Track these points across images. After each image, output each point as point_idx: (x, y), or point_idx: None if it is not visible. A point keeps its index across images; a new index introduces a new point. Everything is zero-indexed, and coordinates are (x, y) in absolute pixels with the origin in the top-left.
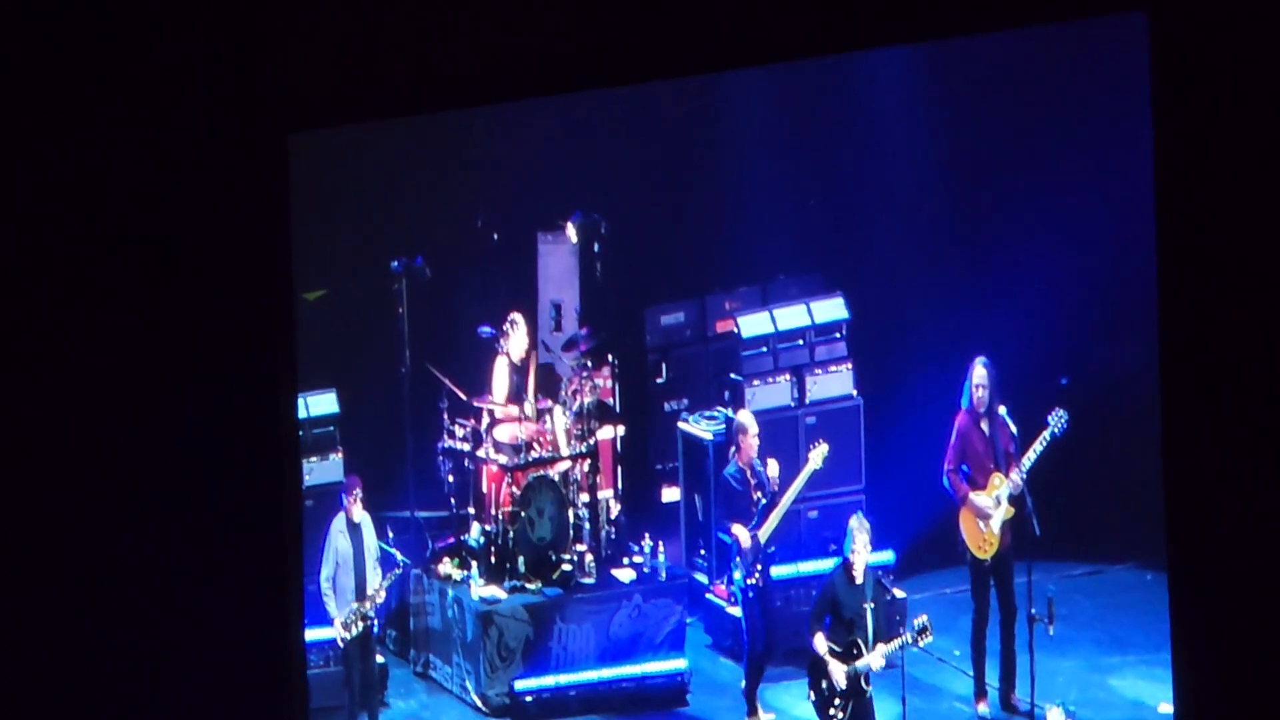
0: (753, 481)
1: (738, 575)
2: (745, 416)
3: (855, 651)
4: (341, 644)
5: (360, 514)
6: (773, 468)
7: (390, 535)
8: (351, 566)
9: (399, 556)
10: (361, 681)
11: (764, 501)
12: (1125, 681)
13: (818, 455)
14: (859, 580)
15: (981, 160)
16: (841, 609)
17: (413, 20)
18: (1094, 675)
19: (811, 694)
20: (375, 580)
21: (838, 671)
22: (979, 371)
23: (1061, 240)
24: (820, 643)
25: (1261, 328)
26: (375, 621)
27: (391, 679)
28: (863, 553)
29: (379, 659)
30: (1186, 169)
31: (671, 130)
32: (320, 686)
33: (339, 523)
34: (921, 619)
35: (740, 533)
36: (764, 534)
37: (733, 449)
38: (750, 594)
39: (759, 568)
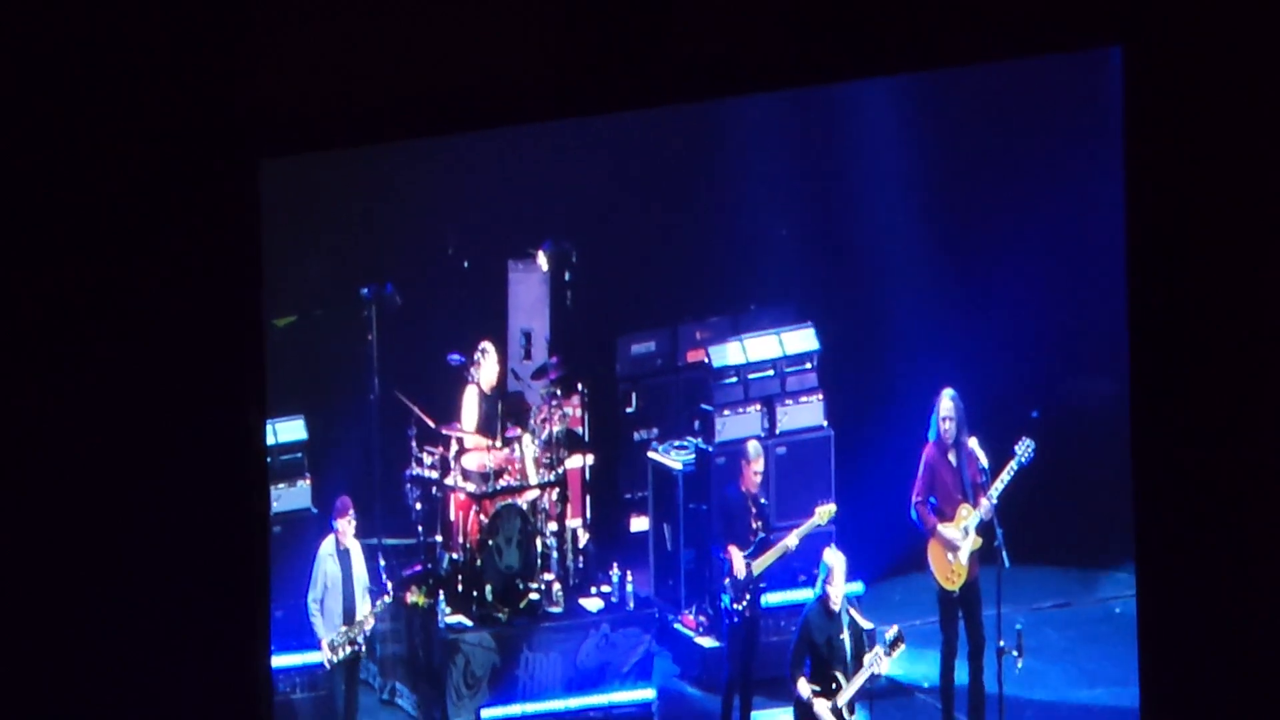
0: (753, 510)
1: (726, 599)
2: (754, 446)
3: (835, 686)
4: (328, 666)
5: (351, 540)
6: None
7: (382, 563)
8: (340, 591)
9: (388, 585)
10: (345, 707)
11: (762, 535)
12: (1093, 716)
13: (825, 512)
14: (834, 611)
15: (954, 192)
16: (819, 646)
17: (385, 47)
18: (1062, 709)
19: None
20: (364, 607)
21: (824, 710)
22: (946, 404)
23: (1034, 273)
24: (803, 687)
25: (1232, 368)
26: (363, 648)
27: (360, 708)
28: (839, 585)
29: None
30: (1159, 203)
31: (643, 159)
32: (301, 711)
33: (329, 545)
34: (893, 630)
35: (735, 556)
36: (758, 566)
37: (737, 475)
38: (736, 620)
39: (748, 596)
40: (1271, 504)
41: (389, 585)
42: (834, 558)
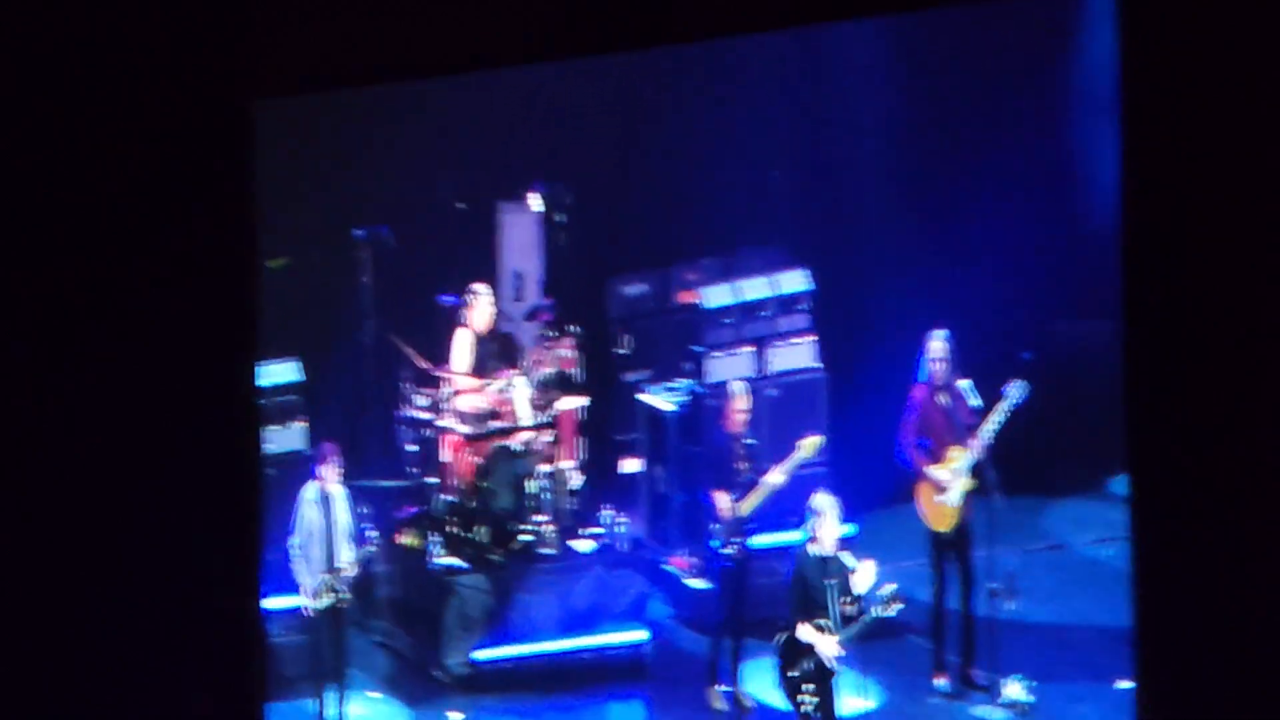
0: (740, 452)
1: (715, 543)
2: (738, 386)
3: (828, 631)
4: (310, 614)
5: (335, 484)
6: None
7: (363, 510)
8: (322, 538)
9: (372, 533)
10: (332, 653)
11: (749, 476)
12: (1085, 657)
13: (809, 445)
14: (826, 557)
15: (947, 134)
16: (812, 590)
17: None
18: (1053, 650)
19: (782, 683)
20: (347, 554)
21: (829, 646)
22: (936, 345)
23: (1026, 215)
24: (805, 631)
25: (1226, 308)
26: (346, 594)
27: (352, 650)
28: (830, 528)
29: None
30: (1153, 146)
31: (635, 101)
32: (287, 656)
33: (311, 491)
34: (890, 588)
35: (722, 500)
36: (746, 507)
37: (721, 417)
38: (726, 563)
39: (737, 539)
40: (1264, 445)
41: (372, 532)
42: (825, 502)
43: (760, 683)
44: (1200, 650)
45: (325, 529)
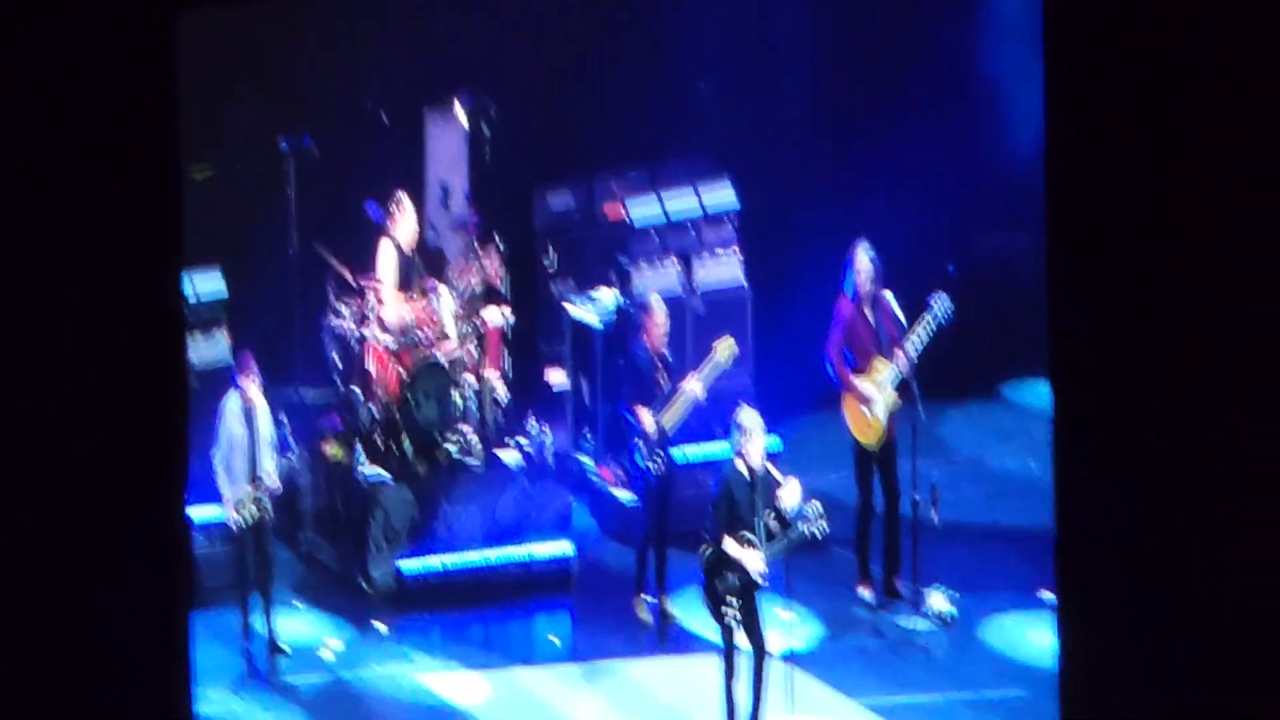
0: (659, 366)
1: (638, 458)
2: (655, 301)
3: (753, 545)
4: (234, 525)
5: (256, 395)
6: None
7: (285, 420)
8: (244, 449)
9: (292, 443)
10: (256, 564)
11: (669, 388)
12: (1008, 567)
13: (724, 349)
14: (750, 472)
15: (874, 49)
16: (737, 506)
17: None
18: (977, 561)
19: (707, 596)
20: (269, 465)
21: (754, 561)
22: (862, 258)
23: (951, 130)
24: (731, 545)
25: (1148, 220)
26: (268, 506)
27: (277, 561)
28: (757, 444)
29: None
30: (1075, 61)
31: (562, 12)
32: (212, 567)
33: (233, 403)
34: (815, 505)
35: (645, 415)
36: (667, 420)
37: (640, 332)
38: (649, 478)
39: (660, 453)
40: (1185, 354)
41: (295, 445)
42: (749, 418)
43: (685, 595)
44: (1121, 560)
45: (248, 440)
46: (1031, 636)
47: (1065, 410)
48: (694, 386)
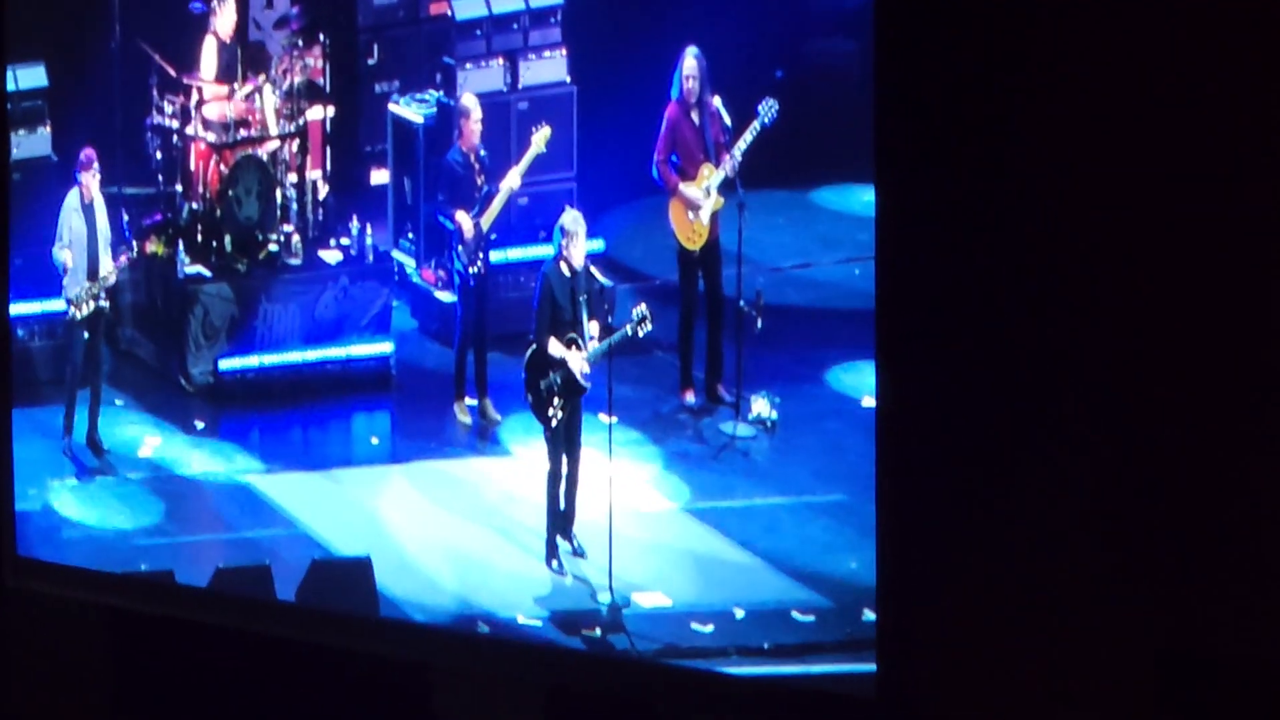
0: (476, 167)
1: (457, 262)
2: (469, 100)
3: (576, 347)
4: (70, 319)
5: (96, 192)
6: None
7: (125, 217)
8: (85, 245)
9: (131, 239)
10: (86, 361)
11: (486, 188)
12: (831, 375)
13: (540, 138)
14: (573, 273)
15: None
16: (559, 308)
17: None
18: (800, 368)
19: (529, 395)
20: (108, 262)
21: (577, 361)
22: (689, 62)
23: None
24: (555, 346)
25: (979, 26)
26: (106, 303)
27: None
28: (579, 246)
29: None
30: None
31: None
32: (38, 361)
33: (73, 199)
34: (640, 308)
35: (463, 220)
36: (486, 221)
37: (455, 133)
38: (470, 282)
39: (480, 255)
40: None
41: (132, 239)
42: (572, 220)
43: (506, 396)
44: (941, 370)
45: (87, 235)
46: (853, 443)
47: (888, 217)
48: (512, 180)
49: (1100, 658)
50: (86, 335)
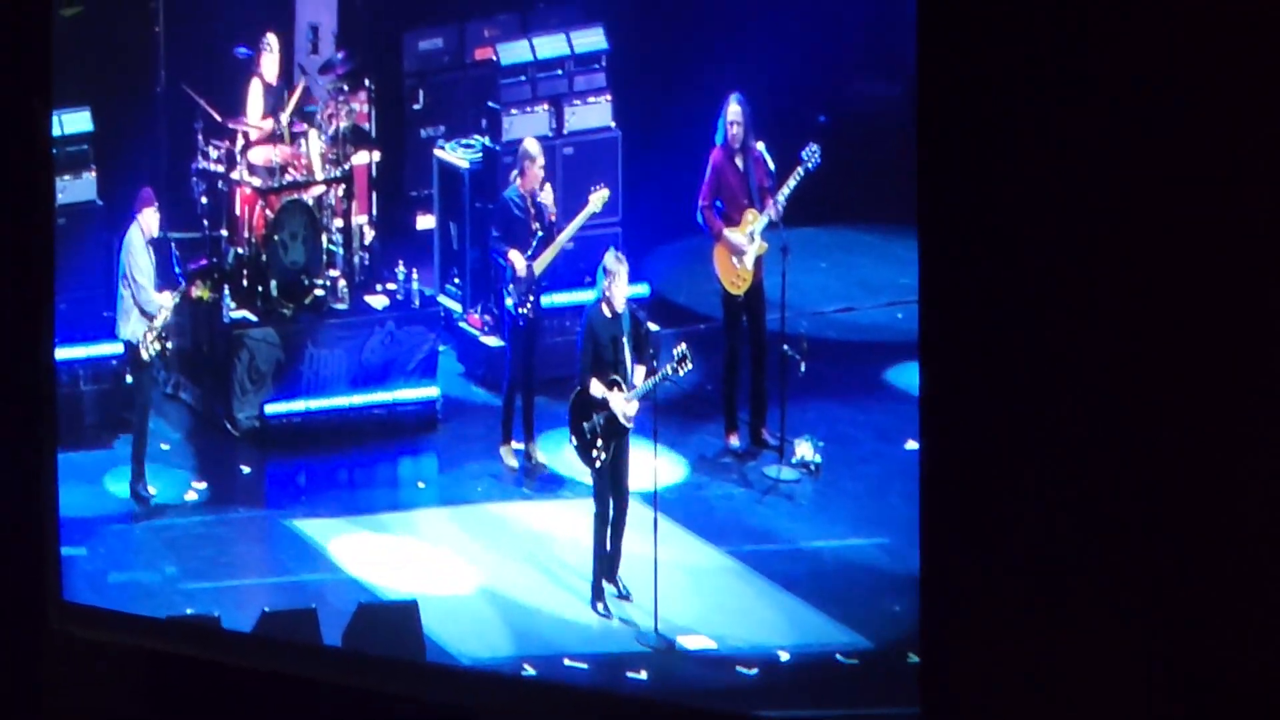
0: (532, 211)
1: (509, 302)
2: (533, 145)
3: (619, 388)
4: (126, 360)
5: (155, 230)
6: (548, 195)
7: (176, 254)
8: (151, 285)
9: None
10: (139, 402)
11: (541, 233)
12: (872, 418)
13: (598, 199)
14: (614, 315)
15: None
16: (601, 349)
17: None
18: (844, 411)
19: (573, 438)
20: (164, 300)
21: (620, 402)
22: (733, 108)
23: None
24: (597, 387)
25: (1021, 69)
26: (165, 341)
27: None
28: (621, 287)
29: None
30: None
31: None
32: (87, 402)
33: (135, 235)
34: (680, 347)
35: (516, 259)
36: (539, 265)
37: (515, 174)
38: (520, 323)
39: (531, 297)
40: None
41: (182, 279)
42: (614, 260)
43: (553, 441)
44: (985, 414)
45: (153, 272)
46: (896, 485)
47: (932, 262)
48: (567, 235)
49: (1149, 704)
50: (138, 375)
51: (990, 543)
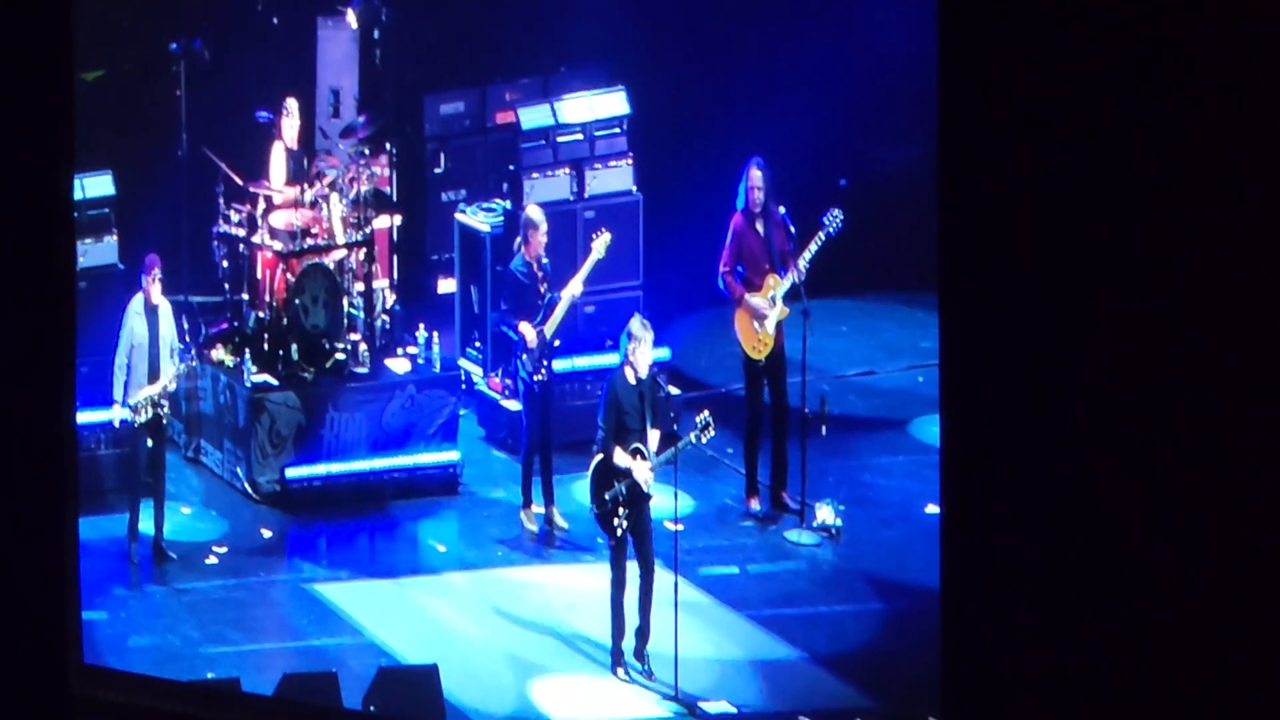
0: (539, 275)
1: (522, 371)
2: (535, 211)
3: (641, 456)
4: (132, 427)
5: (159, 298)
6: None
7: (185, 324)
8: (146, 350)
9: (192, 346)
10: (150, 467)
11: (549, 296)
12: (894, 482)
13: (600, 244)
14: (638, 381)
15: None
16: (625, 415)
17: None
18: (865, 475)
19: (594, 507)
20: (169, 368)
21: (643, 471)
22: (754, 173)
23: (842, 42)
24: (620, 455)
25: (1041, 131)
26: (166, 409)
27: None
28: (645, 353)
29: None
30: None
31: None
32: (104, 469)
33: (136, 304)
34: (703, 414)
35: (527, 330)
36: (550, 328)
37: (518, 242)
38: (536, 389)
39: (545, 363)
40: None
41: (191, 347)
42: (639, 325)
43: (573, 505)
44: (1008, 475)
45: (150, 341)
46: (916, 550)
47: (952, 323)
48: (574, 287)
49: None
50: (150, 443)
51: (1012, 608)
